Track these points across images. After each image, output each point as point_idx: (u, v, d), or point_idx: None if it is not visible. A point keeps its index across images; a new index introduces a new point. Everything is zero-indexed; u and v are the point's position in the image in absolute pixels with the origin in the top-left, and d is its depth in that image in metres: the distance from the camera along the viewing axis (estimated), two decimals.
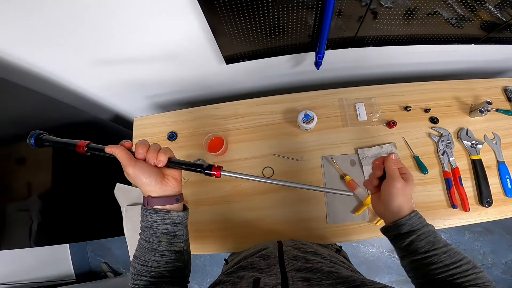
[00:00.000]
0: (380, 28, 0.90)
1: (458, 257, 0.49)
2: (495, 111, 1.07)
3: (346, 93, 1.11)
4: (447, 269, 0.47)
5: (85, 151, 0.50)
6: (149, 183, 0.47)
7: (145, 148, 0.49)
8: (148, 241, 0.50)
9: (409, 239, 0.50)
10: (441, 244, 0.50)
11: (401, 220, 0.51)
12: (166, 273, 0.51)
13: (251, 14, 0.76)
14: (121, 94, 1.21)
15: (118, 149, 0.47)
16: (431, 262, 0.48)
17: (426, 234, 0.50)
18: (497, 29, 0.91)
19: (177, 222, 0.51)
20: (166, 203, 0.50)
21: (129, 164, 0.46)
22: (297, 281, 0.42)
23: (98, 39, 0.83)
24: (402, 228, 0.51)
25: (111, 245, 2.04)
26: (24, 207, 0.94)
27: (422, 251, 0.49)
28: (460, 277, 0.47)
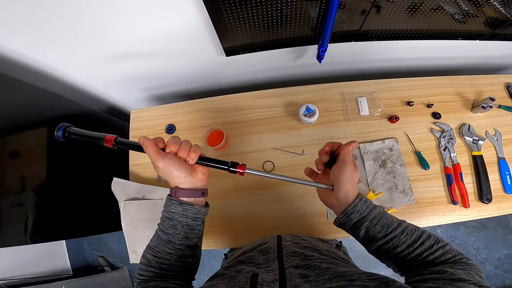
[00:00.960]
0: (384, 22, 0.89)
1: (417, 233, 0.50)
2: (497, 107, 1.07)
3: (348, 87, 1.10)
4: (412, 249, 0.48)
5: (113, 145, 0.52)
6: (179, 176, 0.50)
7: (177, 145, 0.51)
8: (166, 233, 0.51)
9: (363, 227, 0.50)
10: (395, 224, 0.50)
11: (349, 208, 0.50)
12: (176, 267, 0.52)
13: (253, 5, 0.74)
14: (117, 86, 1.19)
15: (149, 142, 0.49)
16: (393, 245, 0.49)
17: (377, 217, 0.50)
18: (502, 26, 0.91)
19: (197, 217, 0.52)
20: (193, 195, 0.51)
21: (158, 157, 0.48)
22: (295, 278, 0.42)
23: (93, 30, 0.81)
24: (353, 217, 0.51)
25: (107, 239, 2.03)
26: (18, 202, 0.92)
27: (380, 237, 0.50)
28: (428, 254, 0.48)
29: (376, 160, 1.00)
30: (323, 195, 0.57)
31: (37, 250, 1.66)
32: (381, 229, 0.50)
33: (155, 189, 0.98)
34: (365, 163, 0.99)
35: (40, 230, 1.01)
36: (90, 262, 2.00)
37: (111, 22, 0.79)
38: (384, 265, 0.54)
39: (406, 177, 0.97)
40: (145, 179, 1.02)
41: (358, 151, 1.01)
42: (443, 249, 0.48)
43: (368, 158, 1.00)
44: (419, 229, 0.51)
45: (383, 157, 1.00)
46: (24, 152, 0.90)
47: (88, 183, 1.15)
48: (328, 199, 0.56)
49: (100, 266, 1.97)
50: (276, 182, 0.98)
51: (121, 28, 0.82)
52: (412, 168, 0.99)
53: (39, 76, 0.95)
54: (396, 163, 0.99)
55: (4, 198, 0.88)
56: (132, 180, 1.01)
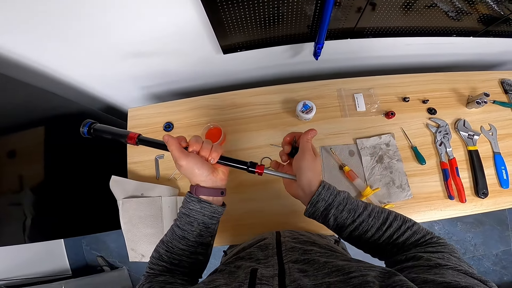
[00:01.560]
0: (379, 20, 0.89)
1: (383, 215, 0.50)
2: (491, 102, 1.08)
3: (344, 84, 1.11)
4: (381, 232, 0.49)
5: (136, 142, 0.54)
6: (200, 174, 0.51)
7: (199, 144, 0.53)
8: (182, 229, 0.52)
9: (331, 214, 0.50)
10: (361, 208, 0.50)
11: (313, 197, 0.50)
12: (186, 263, 0.53)
13: (250, 3, 0.75)
14: (115, 85, 1.19)
15: (173, 140, 0.51)
16: (363, 230, 0.49)
17: (342, 203, 0.50)
18: (495, 23, 0.92)
19: (213, 216, 0.54)
20: (212, 194, 0.53)
21: (182, 156, 0.50)
22: (294, 272, 0.42)
23: (90, 29, 0.81)
24: (319, 206, 0.50)
25: (106, 238, 2.02)
26: (16, 201, 0.92)
27: (349, 223, 0.50)
28: (398, 236, 0.48)
29: (373, 155, 1.00)
30: (289, 187, 0.57)
31: (36, 250, 1.66)
32: (348, 215, 0.49)
33: (154, 186, 0.98)
34: (362, 159, 1.00)
35: (39, 229, 1.01)
36: (89, 262, 2.00)
37: (108, 21, 0.79)
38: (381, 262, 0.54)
39: (403, 172, 0.98)
40: (144, 177, 1.02)
41: (355, 146, 1.02)
42: (411, 229, 0.48)
43: (365, 153, 1.00)
44: (385, 211, 0.51)
45: (380, 153, 1.00)
46: (21, 151, 0.89)
47: (86, 182, 1.14)
48: (294, 191, 0.56)
49: (99, 266, 1.96)
50: (274, 178, 0.98)
51: (118, 27, 0.82)
52: (408, 163, 1.00)
53: (36, 75, 0.94)
54: (393, 158, 1.00)
55: (2, 197, 0.87)
56: (131, 178, 1.01)
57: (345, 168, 0.97)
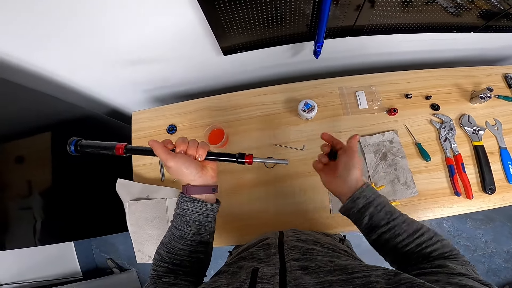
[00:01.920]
0: (378, 17, 0.89)
1: (417, 224, 0.51)
2: (495, 97, 1.06)
3: (346, 82, 1.11)
4: (412, 238, 0.49)
5: (124, 152, 0.54)
6: (189, 173, 0.52)
7: (185, 144, 0.53)
8: (179, 229, 0.53)
9: (368, 212, 0.52)
10: (397, 213, 0.52)
11: (356, 193, 0.53)
12: (188, 263, 0.54)
13: (248, 4, 0.75)
14: (118, 89, 1.20)
15: (158, 144, 0.51)
16: (395, 233, 0.50)
17: (382, 204, 0.52)
18: (495, 18, 0.91)
19: (208, 213, 0.54)
20: (204, 192, 0.54)
21: (169, 157, 0.50)
22: (295, 270, 0.42)
23: (92, 34, 0.82)
24: (359, 203, 0.53)
25: (114, 241, 2.05)
26: (26, 205, 0.94)
27: (383, 224, 0.51)
28: (428, 246, 0.48)
29: (377, 153, 1.00)
30: (330, 183, 0.60)
31: (47, 254, 1.70)
32: (385, 216, 0.51)
33: (159, 188, 1.00)
34: (365, 156, 0.99)
35: (49, 232, 1.03)
36: (99, 265, 2.03)
37: (110, 27, 0.80)
38: None
39: (407, 169, 0.97)
40: (149, 179, 1.03)
41: (359, 144, 1.01)
42: (441, 243, 0.49)
43: (369, 151, 1.00)
44: (419, 222, 0.52)
45: (383, 150, 1.00)
46: (29, 156, 0.91)
47: (94, 185, 1.16)
48: (336, 186, 0.58)
49: (109, 268, 1.99)
50: (277, 178, 0.99)
51: (119, 32, 0.84)
52: (413, 160, 0.99)
53: (40, 81, 0.96)
54: (397, 155, 0.99)
55: (12, 202, 0.90)
56: (136, 181, 1.03)
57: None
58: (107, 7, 0.72)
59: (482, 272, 1.91)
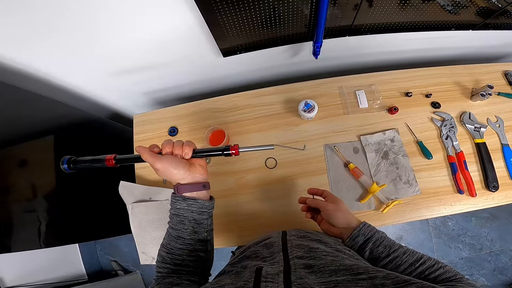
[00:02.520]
0: (376, 16, 0.89)
1: (418, 254, 0.54)
2: (496, 94, 1.06)
3: (345, 81, 1.11)
4: (414, 267, 0.51)
5: (114, 163, 0.56)
6: (178, 172, 0.52)
7: (171, 145, 0.54)
8: (175, 229, 0.54)
9: (367, 248, 0.56)
10: (397, 246, 0.56)
11: (354, 232, 0.59)
12: (189, 262, 0.54)
13: (246, 5, 0.75)
14: (119, 92, 1.21)
15: (144, 149, 0.53)
16: (396, 264, 0.53)
17: (380, 239, 0.57)
18: (493, 15, 0.91)
19: (202, 211, 0.54)
20: (194, 189, 0.54)
21: (155, 160, 0.51)
22: (299, 269, 0.42)
23: (92, 38, 0.83)
24: (358, 240, 0.58)
25: (119, 243, 2.06)
26: (30, 208, 0.95)
27: (383, 256, 0.55)
28: (431, 272, 0.50)
29: (378, 151, 1.00)
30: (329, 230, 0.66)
31: (53, 256, 1.71)
32: (384, 250, 0.55)
33: (161, 190, 1.00)
34: (367, 155, 0.99)
35: (53, 234, 1.04)
36: (104, 267, 2.04)
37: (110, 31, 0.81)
38: None
39: (409, 168, 0.97)
40: (151, 181, 1.04)
41: (360, 143, 1.01)
42: (444, 269, 0.50)
43: (370, 150, 1.00)
44: (420, 253, 0.54)
45: (385, 149, 0.99)
46: (32, 160, 0.92)
47: (97, 188, 1.17)
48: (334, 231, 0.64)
49: (114, 270, 2.00)
50: (279, 178, 1.00)
51: (120, 36, 0.84)
52: (415, 158, 0.99)
53: (42, 85, 0.97)
54: (398, 154, 0.99)
55: (16, 205, 0.91)
56: (138, 183, 1.03)
57: (350, 166, 0.97)
58: (107, 11, 0.73)
59: (488, 271, 1.89)
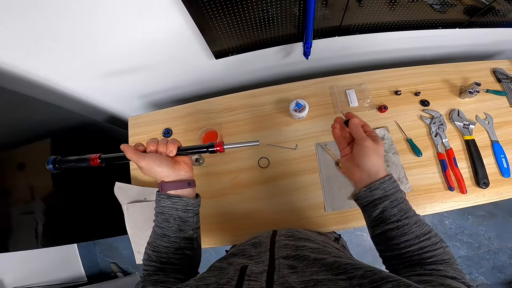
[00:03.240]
0: (365, 16, 0.90)
1: (427, 228, 0.50)
2: (485, 92, 1.07)
3: (336, 81, 1.12)
4: (418, 241, 0.48)
5: (99, 163, 0.55)
6: (162, 170, 0.52)
7: (155, 143, 0.54)
8: (160, 227, 0.54)
9: (382, 205, 0.50)
10: (412, 212, 0.50)
11: (375, 183, 0.50)
12: (175, 260, 0.54)
13: (236, 8, 0.77)
14: (115, 95, 1.23)
15: (128, 147, 0.53)
16: (402, 232, 0.49)
17: (398, 200, 0.50)
18: (479, 13, 0.92)
19: (187, 209, 0.54)
20: (179, 187, 0.54)
21: (140, 158, 0.51)
22: (283, 269, 0.42)
23: (86, 42, 0.84)
24: (375, 194, 0.50)
25: (118, 245, 2.08)
26: (28, 210, 0.97)
27: (394, 220, 0.49)
28: (429, 250, 0.48)
29: None
30: (348, 169, 0.57)
31: (52, 258, 1.72)
32: (398, 213, 0.49)
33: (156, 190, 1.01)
34: None
35: (50, 235, 1.06)
36: (103, 269, 2.05)
37: (103, 34, 0.82)
38: None
39: (400, 165, 0.98)
40: (146, 182, 1.05)
41: None
42: (444, 249, 0.48)
43: None
44: (429, 225, 0.51)
45: None
46: (30, 163, 0.93)
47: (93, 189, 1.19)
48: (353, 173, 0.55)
49: (113, 272, 2.01)
50: (272, 177, 1.01)
51: (113, 40, 0.86)
52: (405, 156, 1.00)
53: (38, 89, 0.98)
54: (388, 151, 1.00)
55: (14, 206, 0.92)
56: (134, 184, 1.05)
57: (341, 164, 0.98)
58: (102, 16, 0.75)
59: (487, 270, 1.89)
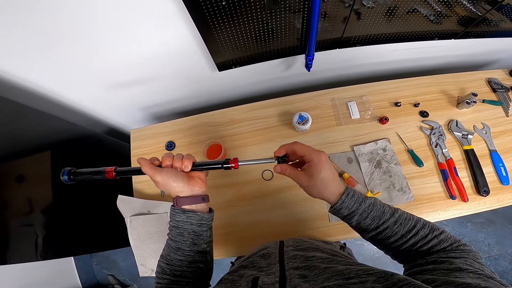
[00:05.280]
0: (364, 28, 0.93)
1: (411, 223, 0.49)
2: (481, 102, 1.10)
3: (338, 93, 1.14)
4: (406, 239, 0.48)
5: (114, 175, 0.56)
6: (177, 185, 0.53)
7: (170, 158, 0.55)
8: (174, 240, 0.54)
9: (354, 219, 0.51)
10: (388, 215, 0.50)
11: (335, 206, 0.50)
12: (188, 273, 0.54)
13: (241, 21, 0.78)
14: (116, 107, 1.22)
15: (145, 161, 0.53)
16: (386, 236, 0.50)
17: (367, 211, 0.50)
18: (473, 24, 0.95)
19: (202, 223, 0.55)
20: (193, 202, 0.54)
21: (156, 172, 0.51)
22: (295, 278, 0.43)
23: (89, 53, 0.84)
24: (342, 212, 0.51)
25: (115, 257, 2.04)
26: (28, 222, 0.95)
27: (372, 228, 0.50)
28: (423, 244, 0.48)
29: (371, 161, 1.02)
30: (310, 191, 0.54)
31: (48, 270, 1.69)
32: (372, 221, 0.50)
33: (159, 203, 1.01)
34: (361, 165, 1.02)
35: (50, 247, 1.05)
36: (101, 281, 2.02)
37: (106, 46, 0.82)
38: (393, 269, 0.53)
39: (402, 176, 0.99)
40: (149, 195, 1.05)
41: (353, 153, 1.03)
42: (438, 238, 0.48)
43: (363, 159, 1.02)
44: (414, 218, 0.51)
45: (377, 158, 1.02)
46: (29, 175, 0.93)
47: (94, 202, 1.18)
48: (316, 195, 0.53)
49: (111, 284, 1.97)
50: (276, 189, 1.01)
51: (116, 52, 0.86)
52: (406, 166, 1.01)
53: (38, 100, 0.97)
54: (390, 162, 1.01)
55: (14, 219, 0.91)
56: (136, 197, 1.04)
57: (345, 175, 0.99)
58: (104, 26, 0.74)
59: None
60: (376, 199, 0.52)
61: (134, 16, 0.74)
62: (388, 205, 0.52)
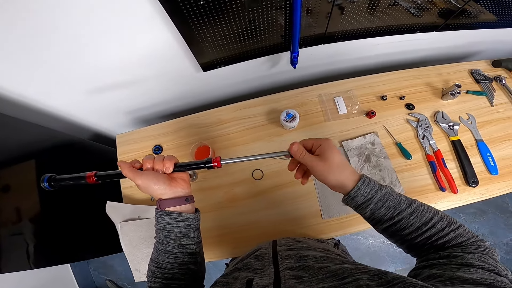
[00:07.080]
0: (348, 23, 0.93)
1: (428, 215, 0.48)
2: (465, 93, 1.11)
3: (324, 89, 1.14)
4: (421, 231, 0.47)
5: (95, 180, 0.55)
6: (158, 188, 0.52)
7: (151, 161, 0.54)
8: (162, 243, 0.53)
9: (368, 208, 0.49)
10: (404, 205, 0.48)
11: (350, 194, 0.49)
12: (179, 275, 0.53)
13: (222, 20, 0.77)
14: (100, 113, 1.20)
15: (125, 164, 0.52)
16: (401, 227, 0.48)
17: (382, 200, 0.48)
18: (453, 16, 0.96)
19: (188, 224, 0.54)
20: (177, 203, 0.53)
21: (136, 176, 0.51)
22: (289, 279, 0.43)
23: (68, 56, 0.81)
24: (357, 200, 0.49)
25: (112, 262, 2.03)
26: (17, 231, 0.94)
27: (386, 219, 0.49)
28: (439, 237, 0.46)
29: (360, 155, 1.02)
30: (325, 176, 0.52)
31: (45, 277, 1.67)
32: (387, 211, 0.48)
33: (149, 208, 1.00)
34: (350, 160, 1.01)
35: (42, 255, 1.03)
36: (99, 286, 2.00)
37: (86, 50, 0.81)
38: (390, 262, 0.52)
39: (391, 169, 1.00)
40: (138, 200, 1.03)
41: (342, 149, 1.03)
42: (455, 232, 0.46)
43: (353, 154, 1.02)
44: (432, 210, 0.49)
45: (366, 152, 1.02)
46: (15, 185, 0.91)
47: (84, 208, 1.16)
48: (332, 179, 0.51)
49: None
50: (266, 188, 1.01)
51: (96, 56, 0.84)
52: (395, 160, 1.02)
53: (19, 108, 0.95)
54: (379, 156, 1.01)
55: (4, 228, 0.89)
56: (126, 202, 1.03)
57: None
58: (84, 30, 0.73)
59: None
60: (393, 189, 0.51)
61: (114, 19, 0.72)
62: (405, 195, 0.51)
